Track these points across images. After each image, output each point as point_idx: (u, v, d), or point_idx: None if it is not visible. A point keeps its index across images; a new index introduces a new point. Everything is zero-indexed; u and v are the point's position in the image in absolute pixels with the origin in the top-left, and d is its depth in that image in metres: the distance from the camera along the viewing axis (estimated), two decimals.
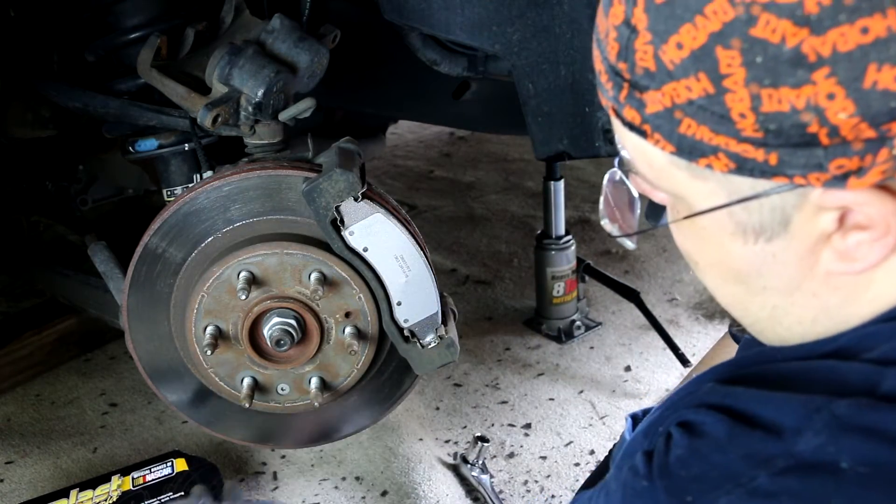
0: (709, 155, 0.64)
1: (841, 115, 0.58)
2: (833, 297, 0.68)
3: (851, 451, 0.61)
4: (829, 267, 0.66)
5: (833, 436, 0.62)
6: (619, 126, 0.71)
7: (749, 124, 0.61)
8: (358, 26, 1.79)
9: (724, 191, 0.66)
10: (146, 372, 1.48)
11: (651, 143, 0.67)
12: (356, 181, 1.30)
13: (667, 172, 0.69)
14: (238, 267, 1.35)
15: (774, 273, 0.69)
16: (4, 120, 1.82)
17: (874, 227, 0.63)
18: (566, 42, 1.49)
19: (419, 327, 1.41)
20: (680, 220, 0.72)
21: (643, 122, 0.67)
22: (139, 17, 1.55)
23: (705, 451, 0.67)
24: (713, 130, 0.62)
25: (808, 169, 0.61)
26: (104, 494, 1.77)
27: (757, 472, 0.63)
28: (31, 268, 2.23)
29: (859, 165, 0.60)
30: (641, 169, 0.72)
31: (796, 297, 0.69)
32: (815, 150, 0.60)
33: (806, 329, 0.71)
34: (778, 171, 0.62)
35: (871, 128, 0.59)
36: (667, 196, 0.73)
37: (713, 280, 0.76)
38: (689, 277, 2.78)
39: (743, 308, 0.76)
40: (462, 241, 3.13)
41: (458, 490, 1.90)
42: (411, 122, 4.01)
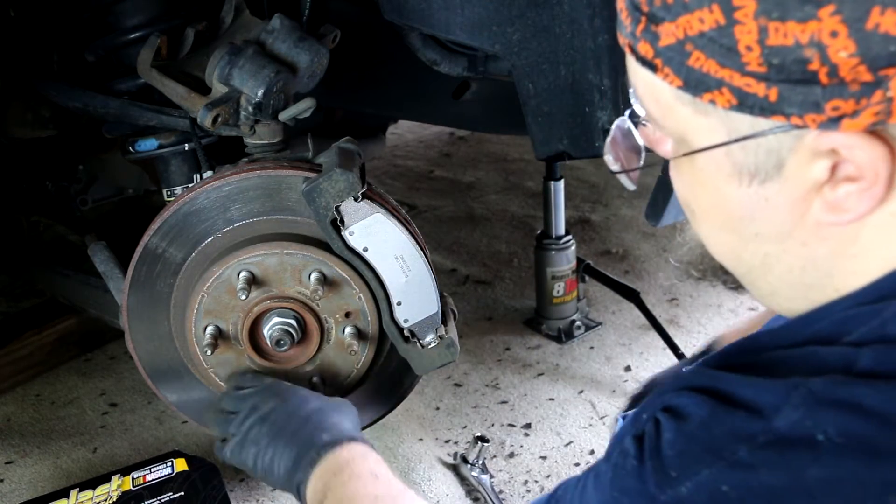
0: (713, 89, 0.67)
1: (842, 53, 0.60)
2: (821, 248, 0.71)
3: (827, 423, 0.63)
4: (818, 217, 0.69)
5: (810, 410, 0.64)
6: (632, 64, 0.74)
7: (754, 57, 0.63)
8: (358, 26, 1.79)
9: (724, 128, 0.69)
10: (146, 372, 1.48)
11: (660, 77, 0.70)
12: (356, 181, 1.30)
13: (672, 109, 0.72)
14: (238, 267, 1.35)
15: (766, 218, 0.71)
16: (4, 120, 1.82)
17: (863, 178, 0.65)
18: (566, 42, 1.49)
19: (419, 327, 1.41)
20: (681, 160, 0.75)
21: (655, 56, 0.70)
22: (139, 17, 1.55)
23: (690, 430, 0.69)
24: (720, 63, 0.65)
25: (805, 108, 0.63)
26: (104, 494, 1.77)
27: (738, 446, 0.66)
28: (31, 268, 2.24)
29: (854, 108, 0.62)
30: (649, 107, 0.75)
31: (787, 244, 0.72)
32: (813, 89, 0.62)
33: (795, 278, 0.74)
34: (777, 108, 0.64)
35: (868, 71, 0.61)
36: (671, 145, 0.76)
37: (708, 229, 0.79)
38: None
39: (736, 257, 0.78)
40: (462, 241, 3.13)
41: (458, 490, 1.90)
42: (411, 122, 4.01)
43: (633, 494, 0.71)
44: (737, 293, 2.67)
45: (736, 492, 0.65)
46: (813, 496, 0.63)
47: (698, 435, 0.68)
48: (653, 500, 0.69)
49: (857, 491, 0.62)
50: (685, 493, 0.67)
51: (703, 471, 0.67)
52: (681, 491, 0.67)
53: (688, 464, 0.67)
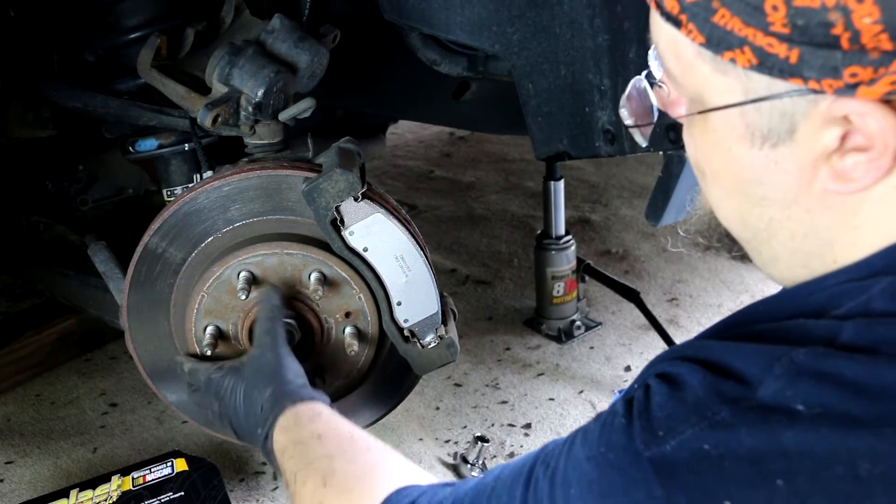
0: (735, 48, 0.67)
1: (866, 19, 0.61)
2: (824, 217, 0.72)
3: (806, 394, 0.65)
4: (825, 185, 0.70)
5: (791, 381, 0.66)
6: (656, 19, 0.75)
7: (779, 17, 0.64)
8: (358, 26, 1.79)
9: (741, 88, 0.69)
10: (146, 372, 1.48)
11: (684, 33, 0.71)
12: (356, 181, 1.30)
13: (692, 66, 0.72)
14: (238, 267, 1.35)
15: (774, 182, 0.72)
16: (4, 120, 1.82)
17: (872, 148, 0.66)
18: (566, 42, 1.49)
19: (419, 327, 1.41)
20: (695, 119, 0.76)
21: (681, 12, 0.70)
22: (139, 17, 1.55)
23: (680, 393, 0.71)
24: (744, 21, 0.66)
25: (824, 73, 0.64)
26: (104, 494, 1.77)
27: (722, 407, 0.68)
28: (31, 268, 2.24)
29: (872, 76, 0.63)
30: (669, 64, 0.76)
31: (792, 210, 0.73)
32: (834, 53, 0.63)
33: (797, 245, 0.75)
34: (795, 71, 0.65)
35: (890, 40, 0.61)
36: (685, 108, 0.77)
37: (717, 192, 0.80)
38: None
39: (742, 221, 0.79)
40: (462, 241, 3.13)
41: None
42: (411, 122, 4.01)
43: (618, 449, 0.73)
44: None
45: (716, 450, 0.67)
46: (787, 457, 0.65)
47: (687, 398, 0.71)
48: (637, 455, 0.71)
49: (828, 455, 0.64)
50: (668, 450, 0.69)
51: (688, 430, 0.69)
52: (665, 449, 0.69)
53: (674, 424, 0.69)
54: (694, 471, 0.67)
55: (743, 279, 2.77)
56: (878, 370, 0.64)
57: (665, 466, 0.69)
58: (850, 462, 0.63)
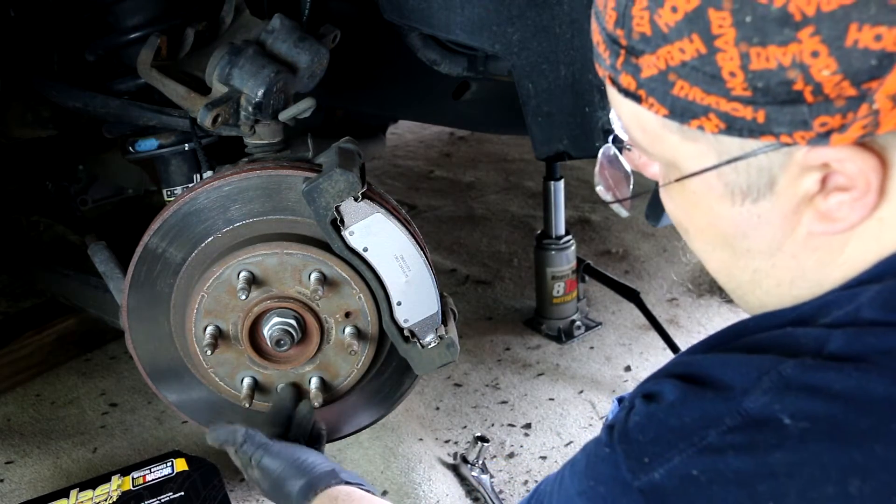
0: (700, 116, 0.67)
1: (824, 72, 0.61)
2: (810, 259, 0.72)
3: (794, 407, 0.65)
4: (810, 228, 0.70)
5: (778, 394, 0.66)
6: (614, 95, 0.75)
7: (739, 83, 0.64)
8: (358, 26, 1.79)
9: (713, 152, 0.69)
10: (146, 372, 1.48)
11: (645, 107, 0.70)
12: (356, 181, 1.30)
13: (659, 137, 0.72)
14: (238, 267, 1.35)
15: (759, 235, 0.72)
16: (5, 120, 1.82)
17: (855, 188, 0.66)
18: (566, 42, 1.49)
19: (419, 327, 1.41)
20: (671, 184, 0.76)
21: (638, 87, 0.70)
22: (139, 17, 1.55)
23: (661, 415, 0.71)
24: (705, 91, 0.66)
25: (794, 127, 0.64)
26: (104, 494, 1.77)
27: (707, 430, 0.67)
28: (31, 268, 2.24)
29: (841, 123, 0.63)
30: (635, 135, 0.76)
31: (777, 258, 0.73)
32: (800, 108, 0.63)
33: (783, 291, 0.75)
34: (765, 129, 0.65)
35: (852, 86, 0.62)
36: (659, 168, 0.77)
37: (702, 246, 0.80)
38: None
39: (728, 273, 0.79)
40: (462, 241, 3.13)
41: (458, 490, 1.90)
42: (411, 122, 4.01)
43: (608, 482, 0.72)
44: None
45: (705, 475, 0.66)
46: (777, 478, 0.64)
47: (669, 421, 0.70)
48: (626, 485, 0.70)
49: (819, 473, 0.63)
50: (657, 478, 0.68)
51: (675, 457, 0.68)
52: (654, 477, 0.69)
53: (661, 451, 0.69)
54: (684, 498, 0.67)
55: None
56: (866, 382, 0.64)
57: (655, 495, 0.68)
58: (840, 481, 0.62)
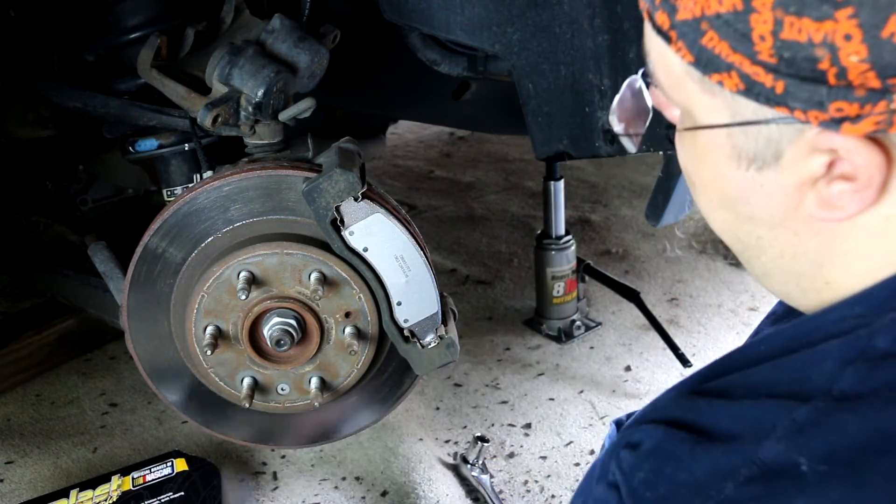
0: (722, 71, 0.67)
1: (853, 57, 0.60)
2: (812, 241, 0.71)
3: (810, 452, 0.63)
4: (811, 211, 0.69)
5: (793, 441, 0.64)
6: (648, 30, 0.75)
7: (766, 48, 0.63)
8: (358, 26, 1.79)
9: (728, 110, 0.69)
10: (146, 372, 1.48)
11: (673, 49, 0.70)
12: (356, 181, 1.30)
13: (681, 82, 0.72)
14: (238, 267, 1.35)
15: (760, 203, 0.72)
16: (5, 120, 1.82)
17: (858, 179, 0.65)
18: (566, 42, 1.49)
19: (419, 327, 1.41)
20: (683, 133, 0.76)
21: (671, 28, 0.70)
22: (139, 17, 1.55)
23: (669, 470, 0.68)
24: (732, 48, 0.65)
25: (810, 105, 0.63)
26: (104, 494, 1.77)
27: (724, 483, 0.65)
28: (31, 268, 2.24)
29: (857, 113, 0.62)
30: (659, 75, 0.76)
31: (779, 231, 0.73)
32: (819, 88, 0.62)
33: (786, 264, 0.75)
34: (781, 100, 0.65)
35: (877, 78, 0.61)
36: (678, 113, 0.77)
37: (707, 203, 0.79)
38: (690, 276, 2.78)
39: (733, 234, 0.79)
40: (462, 241, 3.13)
41: (458, 490, 1.90)
42: (411, 122, 4.01)
43: None
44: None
45: None
46: None
47: (679, 477, 0.67)
48: None
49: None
50: None
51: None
52: None
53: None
54: None
55: (743, 279, 2.77)
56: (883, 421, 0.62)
57: None
58: None
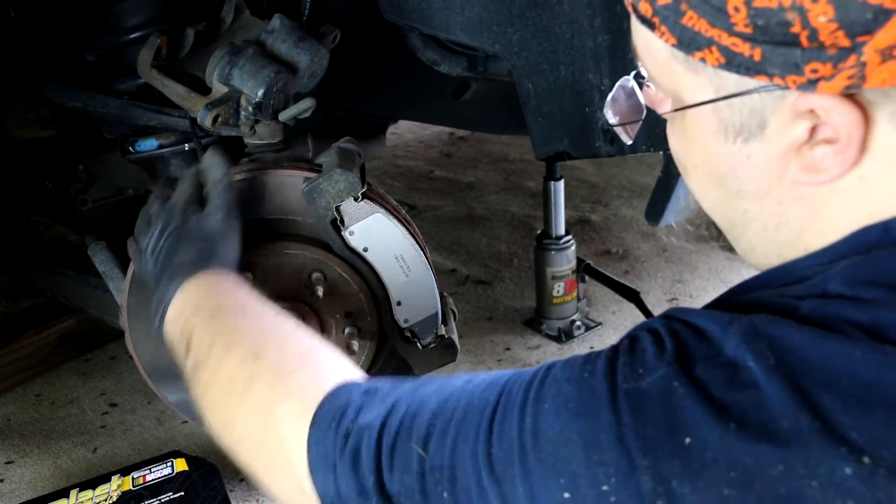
0: (703, 48, 0.71)
1: (821, 18, 0.64)
2: (795, 208, 0.76)
3: (758, 351, 0.68)
4: (795, 176, 0.73)
5: (745, 338, 0.69)
6: (634, 23, 0.79)
7: (741, 18, 0.67)
8: (358, 26, 1.79)
9: (712, 86, 0.73)
10: (146, 372, 1.48)
11: (657, 35, 0.74)
12: (356, 181, 1.30)
13: (666, 66, 0.76)
14: None
15: (748, 175, 0.76)
16: (5, 120, 1.82)
17: (839, 140, 0.69)
18: (566, 42, 1.49)
19: (419, 327, 1.41)
20: (674, 116, 0.80)
21: (654, 15, 0.74)
22: (139, 17, 1.55)
23: (662, 346, 0.74)
24: (710, 23, 0.69)
25: (787, 70, 0.67)
26: (104, 494, 1.77)
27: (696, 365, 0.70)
28: (31, 268, 2.24)
29: (831, 72, 0.66)
30: (647, 65, 0.80)
31: (764, 202, 0.77)
32: (794, 51, 0.66)
33: (769, 236, 0.80)
34: (760, 68, 0.68)
35: (846, 36, 0.64)
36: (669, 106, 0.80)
37: (699, 184, 0.84)
38: (690, 276, 2.78)
39: (722, 213, 0.84)
40: (462, 241, 3.13)
41: None
42: (411, 122, 4.01)
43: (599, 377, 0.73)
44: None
45: (683, 389, 0.69)
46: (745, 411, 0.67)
47: (667, 347, 0.73)
48: (615, 385, 0.72)
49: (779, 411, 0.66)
50: (644, 385, 0.71)
51: (662, 369, 0.71)
52: (641, 384, 0.72)
53: (653, 365, 0.72)
54: (662, 406, 0.70)
55: (743, 279, 2.76)
56: (821, 340, 0.67)
57: (637, 399, 0.71)
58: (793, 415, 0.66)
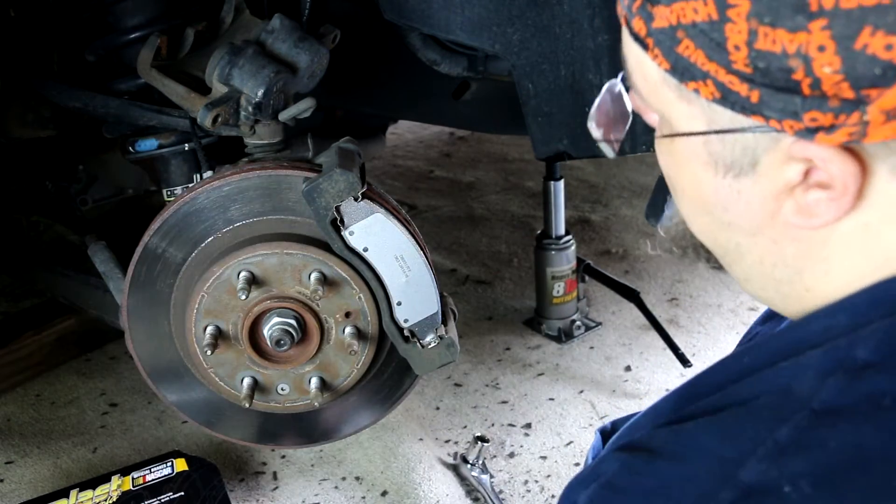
0: (698, 79, 0.67)
1: (826, 69, 0.61)
2: (791, 248, 0.72)
3: (792, 473, 0.62)
4: (788, 218, 0.69)
5: (775, 461, 0.63)
6: (626, 36, 0.76)
7: (741, 57, 0.64)
8: (358, 26, 1.79)
9: (704, 118, 0.70)
10: (146, 372, 1.48)
11: (650, 56, 0.71)
12: (356, 181, 1.30)
13: (658, 89, 0.73)
14: (238, 267, 1.35)
15: (738, 211, 0.72)
16: (5, 120, 1.82)
17: (833, 187, 0.66)
18: (566, 42, 1.49)
19: (419, 327, 1.41)
20: (661, 139, 0.77)
21: (647, 35, 0.71)
22: (139, 17, 1.55)
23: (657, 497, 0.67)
24: (707, 56, 0.66)
25: (785, 115, 0.64)
26: (104, 494, 1.77)
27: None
28: (31, 268, 2.24)
29: (832, 122, 0.62)
30: (637, 82, 0.76)
31: (758, 239, 0.73)
32: (794, 98, 0.63)
33: (766, 271, 0.75)
34: (757, 109, 0.65)
35: (851, 89, 0.61)
36: (657, 118, 0.77)
37: (688, 208, 0.80)
38: (690, 276, 2.78)
39: (713, 239, 0.80)
40: (462, 241, 3.13)
41: (458, 490, 1.90)
42: (411, 122, 4.01)
43: None
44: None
45: None
46: None
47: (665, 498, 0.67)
48: None
49: None
50: None
51: None
52: None
53: None
54: None
55: None
56: (861, 437, 0.62)
57: None
58: None
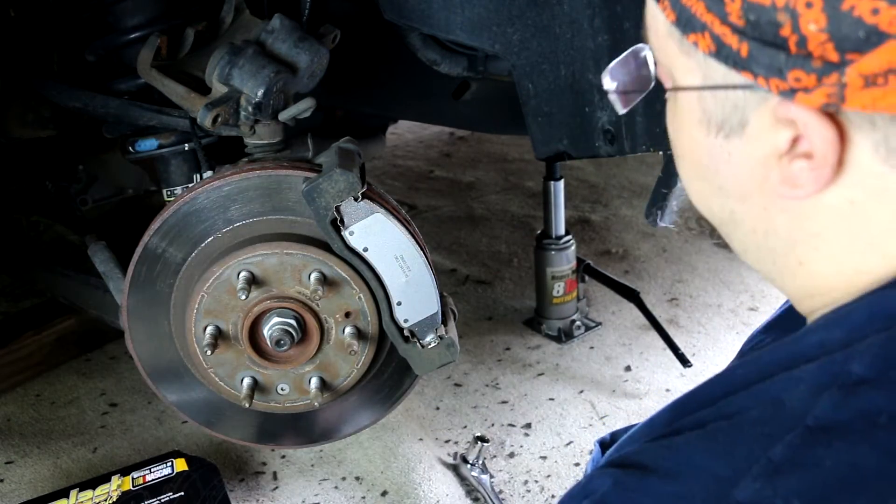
0: (697, 31, 0.69)
1: (812, 25, 0.61)
2: (781, 217, 0.72)
3: (787, 492, 0.61)
4: (776, 188, 0.70)
5: (769, 480, 0.62)
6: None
7: (735, 9, 0.65)
8: (358, 26, 1.79)
9: (701, 73, 0.71)
10: (146, 372, 1.48)
11: (661, 8, 0.73)
12: (356, 181, 1.30)
13: (665, 42, 0.74)
14: (238, 267, 1.35)
15: (729, 174, 0.73)
16: (5, 120, 1.82)
17: (815, 157, 0.66)
18: (566, 42, 1.49)
19: (419, 327, 1.41)
20: (668, 99, 0.78)
21: None
22: (139, 17, 1.55)
23: None
24: (707, 7, 0.67)
25: (771, 72, 0.64)
26: (104, 494, 1.77)
27: None
28: (31, 268, 2.24)
29: (813, 84, 0.63)
30: (650, 35, 0.78)
31: (749, 206, 0.74)
32: (779, 54, 0.63)
33: (759, 240, 0.75)
34: (746, 65, 0.66)
35: (835, 50, 0.61)
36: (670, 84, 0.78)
37: (685, 172, 0.81)
38: (690, 276, 2.78)
39: (708, 207, 0.80)
40: (462, 241, 3.13)
41: (458, 490, 1.90)
42: (411, 122, 4.01)
43: None
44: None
45: None
46: None
47: None
48: None
49: None
50: None
51: None
52: None
53: None
54: None
55: (743, 279, 2.77)
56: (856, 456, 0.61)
57: None
58: None
